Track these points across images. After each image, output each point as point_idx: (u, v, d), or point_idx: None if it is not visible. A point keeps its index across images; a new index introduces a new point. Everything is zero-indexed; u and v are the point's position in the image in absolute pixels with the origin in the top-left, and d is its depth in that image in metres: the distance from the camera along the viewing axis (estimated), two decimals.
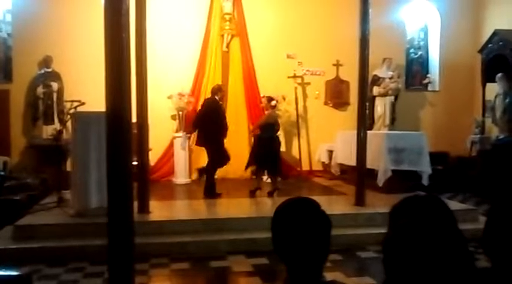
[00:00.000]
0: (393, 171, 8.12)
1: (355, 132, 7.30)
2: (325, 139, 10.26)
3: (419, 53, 11.85)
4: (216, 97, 8.16)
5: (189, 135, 9.47)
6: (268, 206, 7.69)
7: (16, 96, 9.67)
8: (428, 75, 11.74)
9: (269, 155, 8.03)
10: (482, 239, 1.64)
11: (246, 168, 8.73)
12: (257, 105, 10.49)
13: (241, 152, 10.42)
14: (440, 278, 1.38)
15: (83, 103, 7.01)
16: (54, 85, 9.59)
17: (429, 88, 11.73)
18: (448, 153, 10.84)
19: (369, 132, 7.55)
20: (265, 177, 8.71)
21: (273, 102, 8.44)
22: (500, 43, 9.69)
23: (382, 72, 10.63)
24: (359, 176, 7.25)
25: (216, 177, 10.03)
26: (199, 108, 8.75)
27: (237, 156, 10.36)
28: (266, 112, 8.44)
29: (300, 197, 1.67)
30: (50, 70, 9.62)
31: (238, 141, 10.45)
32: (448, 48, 11.42)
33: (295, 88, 10.60)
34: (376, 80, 10.56)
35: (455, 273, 1.40)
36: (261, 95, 10.39)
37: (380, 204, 6.90)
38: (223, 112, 8.45)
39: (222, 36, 10.47)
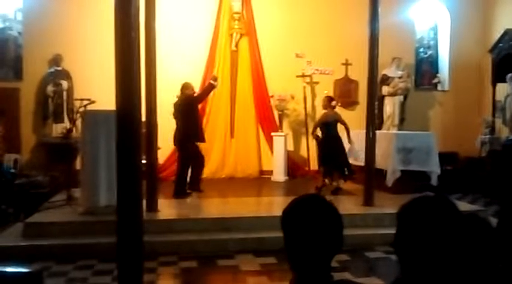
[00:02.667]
0: (402, 171, 8.08)
1: (363, 131, 7.28)
2: None
3: (429, 52, 11.77)
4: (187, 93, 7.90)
5: None
6: (276, 205, 7.70)
7: (26, 94, 9.73)
8: (438, 75, 11.67)
9: (331, 154, 8.15)
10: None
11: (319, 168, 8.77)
12: (266, 104, 10.49)
13: (249, 151, 10.45)
14: (452, 276, 1.38)
15: (93, 102, 7.05)
16: (64, 84, 9.64)
17: (439, 88, 11.65)
18: (457, 153, 10.78)
19: (377, 131, 7.52)
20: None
21: (333, 102, 8.55)
22: (511, 42, 9.62)
23: (391, 71, 10.58)
24: (367, 176, 7.23)
25: (224, 176, 10.12)
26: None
27: (245, 155, 10.41)
28: (324, 111, 8.56)
29: (309, 194, 1.67)
30: (60, 68, 9.67)
31: (247, 141, 10.46)
32: (457, 47, 11.34)
33: (304, 87, 10.58)
34: (385, 80, 10.51)
35: (469, 272, 1.40)
36: (270, 94, 10.42)
37: (389, 204, 6.86)
38: (186, 112, 7.78)
39: (231, 35, 10.47)
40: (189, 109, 7.81)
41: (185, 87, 7.93)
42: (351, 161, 8.52)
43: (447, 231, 1.43)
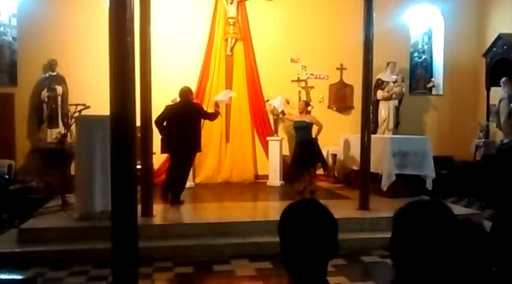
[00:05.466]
0: (397, 175, 8.10)
1: (359, 136, 7.29)
2: (329, 143, 10.23)
3: (423, 56, 11.83)
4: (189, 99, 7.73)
5: None
6: (272, 210, 7.69)
7: (21, 99, 9.70)
8: (433, 79, 11.72)
9: (308, 155, 8.43)
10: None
11: (291, 175, 8.93)
12: (261, 109, 10.50)
13: (244, 156, 10.44)
14: (448, 280, 1.38)
15: (88, 107, 7.03)
16: (59, 89, 9.61)
17: (433, 92, 11.71)
18: (452, 157, 10.81)
19: (372, 136, 7.53)
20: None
21: (309, 107, 8.95)
22: (505, 47, 9.67)
23: (386, 76, 10.62)
24: (363, 180, 7.23)
25: (219, 181, 10.09)
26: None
27: (240, 160, 10.40)
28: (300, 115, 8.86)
29: (305, 198, 1.67)
30: (54, 74, 9.65)
31: (242, 145, 10.45)
32: (452, 52, 11.40)
33: (299, 92, 10.60)
34: (380, 84, 10.55)
35: (464, 276, 1.40)
36: (265, 99, 10.42)
37: (384, 208, 6.87)
38: (190, 121, 7.47)
39: (226, 40, 10.48)
40: (195, 118, 7.60)
41: (187, 92, 7.67)
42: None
43: (442, 235, 1.43)
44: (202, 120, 8.13)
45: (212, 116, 8.07)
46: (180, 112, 7.44)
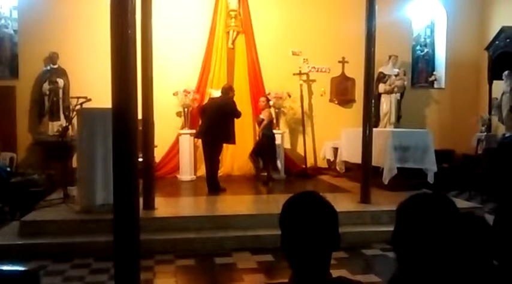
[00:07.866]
0: (398, 168, 8.09)
1: (360, 129, 7.28)
2: (330, 136, 10.24)
3: (425, 50, 11.80)
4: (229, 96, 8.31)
5: None
6: (273, 203, 7.69)
7: (22, 92, 9.70)
8: (434, 73, 11.70)
9: (269, 148, 9.02)
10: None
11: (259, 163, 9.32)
12: None
13: (245, 149, 10.42)
14: (450, 273, 1.38)
15: (89, 100, 7.03)
16: (60, 82, 9.62)
17: (435, 85, 11.69)
18: (453, 151, 10.81)
19: (374, 129, 7.52)
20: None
21: (271, 102, 9.36)
22: (507, 40, 9.63)
23: (387, 69, 10.60)
24: (364, 174, 7.23)
25: (221, 174, 10.11)
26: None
27: (241, 153, 10.38)
28: (266, 110, 9.14)
29: (305, 191, 1.67)
30: (56, 66, 9.65)
31: (243, 138, 10.43)
32: (454, 45, 11.37)
33: (301, 85, 10.58)
34: (382, 77, 10.53)
35: (466, 269, 1.40)
36: (266, 92, 10.40)
37: (385, 202, 6.88)
38: (232, 114, 8.15)
39: (228, 33, 10.46)
40: (229, 113, 8.07)
41: (230, 89, 8.43)
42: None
43: (445, 228, 1.43)
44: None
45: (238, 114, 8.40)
46: (215, 105, 8.20)
